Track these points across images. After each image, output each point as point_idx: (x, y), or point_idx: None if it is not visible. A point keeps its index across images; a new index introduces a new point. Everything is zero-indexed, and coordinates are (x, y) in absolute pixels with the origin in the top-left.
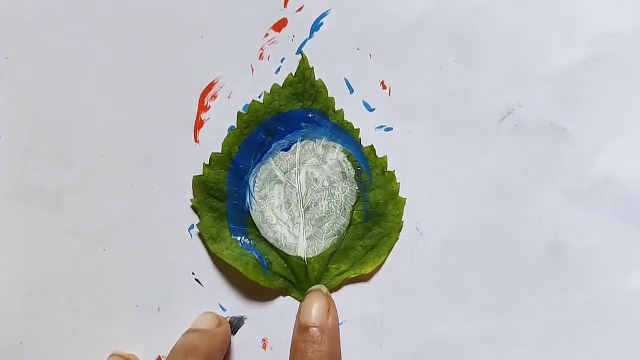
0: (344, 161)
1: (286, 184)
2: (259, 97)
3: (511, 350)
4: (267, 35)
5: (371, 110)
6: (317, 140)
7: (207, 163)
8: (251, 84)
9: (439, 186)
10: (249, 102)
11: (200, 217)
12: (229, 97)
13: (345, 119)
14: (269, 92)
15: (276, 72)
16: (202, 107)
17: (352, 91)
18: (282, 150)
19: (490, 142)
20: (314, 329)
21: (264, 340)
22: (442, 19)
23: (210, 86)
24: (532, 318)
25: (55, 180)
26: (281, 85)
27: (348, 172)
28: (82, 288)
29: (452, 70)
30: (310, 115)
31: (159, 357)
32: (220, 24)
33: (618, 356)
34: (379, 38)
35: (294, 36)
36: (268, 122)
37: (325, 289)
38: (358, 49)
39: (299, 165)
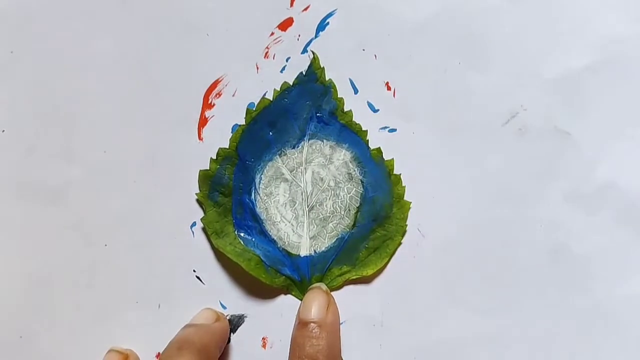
0: (350, 162)
1: (292, 182)
2: (264, 95)
3: (511, 353)
4: (272, 33)
5: (375, 110)
6: (324, 139)
7: (214, 157)
8: (256, 82)
9: (441, 188)
10: (254, 100)
11: (204, 211)
12: (233, 95)
13: (353, 119)
14: (279, 89)
15: (281, 71)
16: (207, 105)
17: (356, 91)
18: (289, 148)
19: (494, 145)
20: (313, 324)
21: (263, 338)
22: (447, 21)
23: (215, 84)
24: (533, 321)
25: (58, 176)
26: (291, 83)
27: (354, 173)
28: (82, 283)
29: (456, 72)
30: (319, 115)
31: (159, 353)
32: (225, 21)
33: None
34: (384, 39)
35: (299, 35)
36: (276, 119)
37: (324, 287)
38: (363, 50)
39: (306, 163)
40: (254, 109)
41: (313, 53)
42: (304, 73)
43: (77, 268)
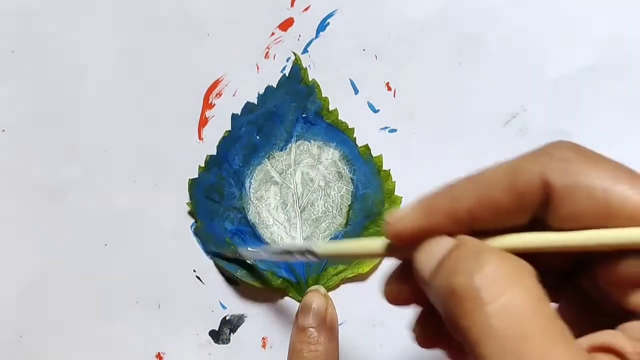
0: (339, 161)
1: (282, 185)
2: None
3: None
4: (273, 34)
5: (375, 111)
6: (311, 140)
7: (202, 165)
8: (256, 82)
9: None
10: (254, 101)
11: (196, 220)
12: (233, 95)
13: (339, 118)
14: (263, 93)
15: (281, 71)
16: (207, 105)
17: (356, 92)
18: (277, 151)
19: (494, 145)
20: (311, 329)
21: (263, 338)
22: (448, 22)
23: (215, 84)
24: None
25: (58, 175)
26: (275, 86)
27: (343, 171)
28: (82, 283)
29: (457, 72)
30: (304, 115)
31: (159, 353)
32: (226, 22)
33: None
34: (384, 39)
35: (299, 35)
36: (262, 123)
37: (323, 290)
38: (363, 50)
39: (294, 165)
40: (240, 114)
41: (295, 54)
42: (287, 75)
43: (76, 267)
